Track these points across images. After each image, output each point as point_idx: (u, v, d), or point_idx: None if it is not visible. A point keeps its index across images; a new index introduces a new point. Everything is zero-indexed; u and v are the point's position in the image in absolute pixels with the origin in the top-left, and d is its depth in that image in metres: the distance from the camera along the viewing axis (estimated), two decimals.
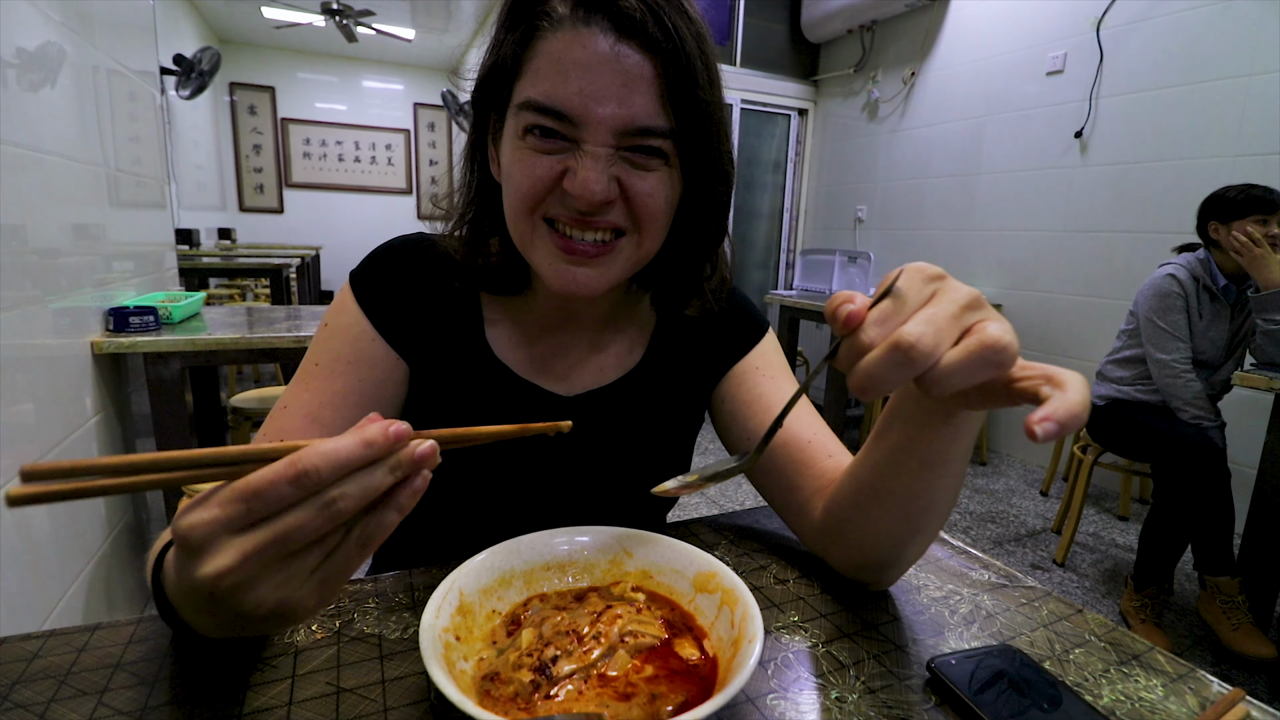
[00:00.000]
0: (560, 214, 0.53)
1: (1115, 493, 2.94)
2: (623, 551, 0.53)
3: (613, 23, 0.48)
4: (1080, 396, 0.33)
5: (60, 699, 0.42)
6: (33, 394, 1.25)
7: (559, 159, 0.51)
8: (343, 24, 4.93)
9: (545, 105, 0.49)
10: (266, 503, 0.30)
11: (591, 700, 0.40)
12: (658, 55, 0.48)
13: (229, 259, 4.19)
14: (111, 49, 1.75)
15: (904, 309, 0.35)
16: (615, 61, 0.48)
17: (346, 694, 0.44)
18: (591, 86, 0.48)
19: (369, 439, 0.31)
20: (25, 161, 1.25)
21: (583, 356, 0.69)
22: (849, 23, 4.10)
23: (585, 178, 0.49)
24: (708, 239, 0.62)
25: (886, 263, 4.15)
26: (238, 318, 1.99)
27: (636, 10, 0.47)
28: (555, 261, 0.55)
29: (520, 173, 0.52)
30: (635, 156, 0.52)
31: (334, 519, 0.31)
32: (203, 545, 0.31)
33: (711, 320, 0.71)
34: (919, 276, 0.36)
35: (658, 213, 0.54)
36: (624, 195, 0.53)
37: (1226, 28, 2.54)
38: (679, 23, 0.49)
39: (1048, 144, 3.20)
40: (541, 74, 0.49)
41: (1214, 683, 0.48)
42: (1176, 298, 1.97)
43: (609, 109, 0.49)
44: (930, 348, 0.33)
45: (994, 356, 0.33)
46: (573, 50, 0.48)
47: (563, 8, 0.49)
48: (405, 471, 0.33)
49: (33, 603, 1.22)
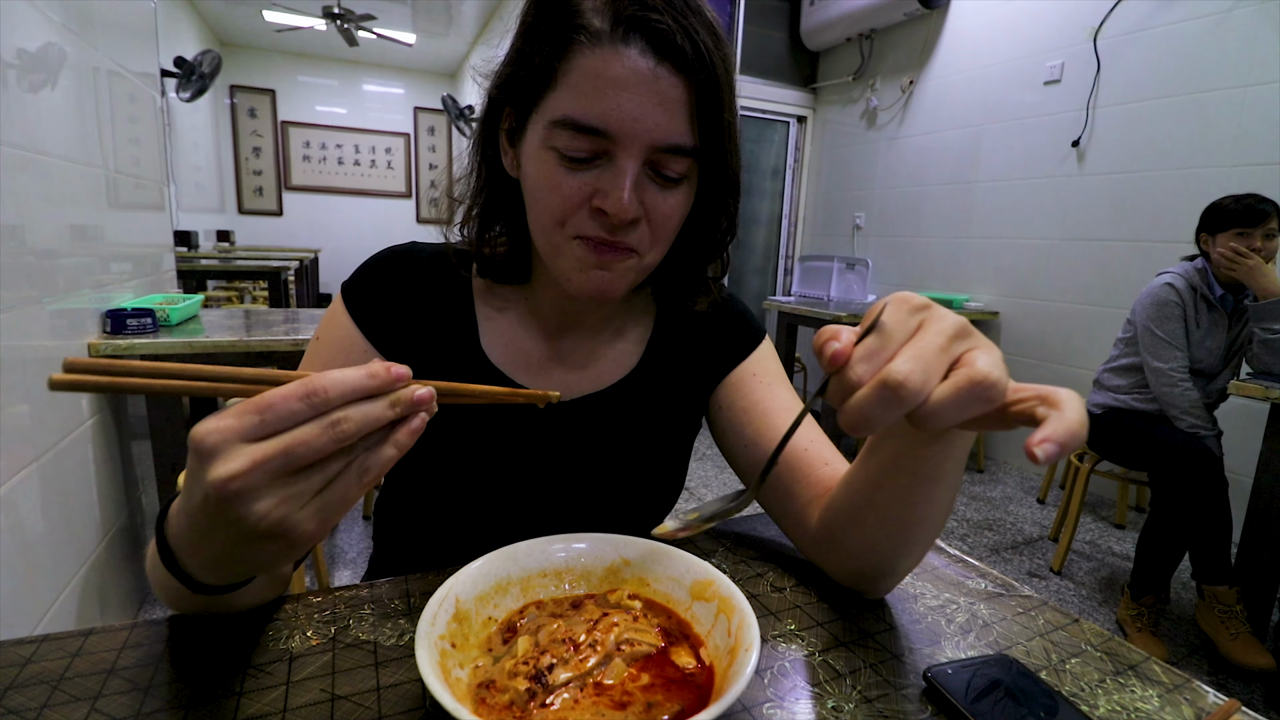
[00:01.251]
0: (589, 232, 0.54)
1: (1112, 501, 2.94)
2: (620, 559, 0.53)
3: (650, 43, 0.48)
4: (1077, 415, 0.33)
5: (53, 705, 0.42)
6: (29, 395, 1.25)
7: (588, 178, 0.52)
8: (344, 28, 4.95)
9: (585, 123, 0.49)
10: (278, 416, 0.33)
11: (587, 709, 0.40)
12: (691, 77, 0.49)
13: (227, 261, 4.19)
14: (112, 51, 1.75)
15: (890, 344, 0.34)
16: (654, 82, 0.49)
17: (341, 701, 0.44)
18: (629, 105, 0.49)
19: (373, 371, 0.34)
20: (24, 162, 1.25)
21: (579, 361, 0.69)
22: (848, 31, 4.12)
23: (619, 198, 0.50)
24: (717, 242, 0.64)
25: (884, 269, 4.16)
26: (236, 320, 1.98)
27: (674, 32, 0.48)
28: (582, 269, 0.56)
29: (549, 190, 0.53)
30: (660, 177, 0.53)
31: (338, 440, 0.33)
32: (216, 450, 0.32)
33: (708, 326, 0.72)
34: (904, 308, 0.35)
35: (672, 231, 0.56)
36: (646, 215, 0.54)
37: (1223, 39, 2.56)
38: (710, 43, 0.50)
39: (1045, 153, 3.21)
40: (578, 90, 0.50)
41: (1210, 693, 0.48)
42: (1174, 306, 1.98)
43: (646, 128, 0.49)
44: (919, 385, 0.32)
45: (983, 392, 0.33)
46: (612, 68, 0.48)
47: (599, 23, 0.49)
48: (404, 410, 0.35)
49: (26, 606, 1.21)
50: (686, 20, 0.49)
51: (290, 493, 0.34)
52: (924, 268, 3.91)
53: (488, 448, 0.66)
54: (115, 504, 1.68)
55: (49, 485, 1.32)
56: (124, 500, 1.74)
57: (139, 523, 1.85)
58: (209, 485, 0.32)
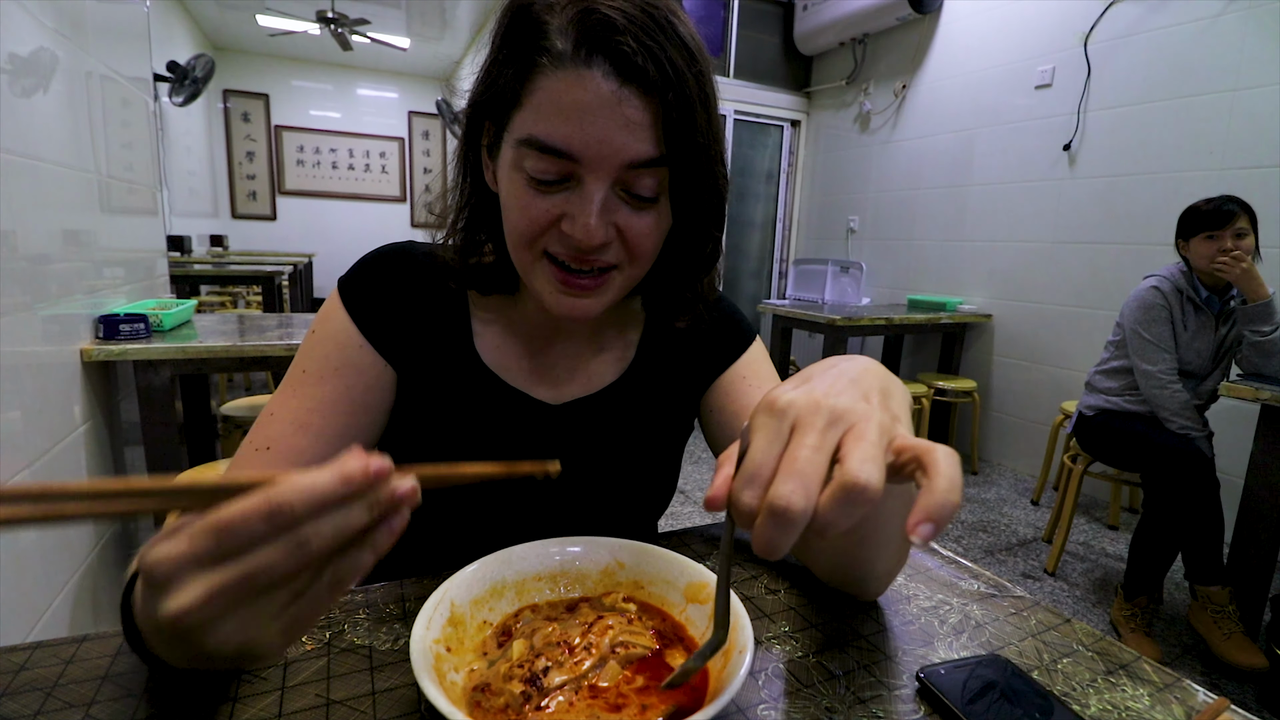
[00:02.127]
0: (559, 251, 0.54)
1: (1105, 502, 2.95)
2: (614, 562, 0.53)
3: (614, 65, 0.47)
4: (947, 482, 0.31)
5: (47, 711, 0.42)
6: (21, 402, 1.24)
7: (557, 200, 0.51)
8: (338, 32, 4.94)
9: (547, 144, 0.49)
10: (237, 538, 0.28)
11: (582, 711, 0.40)
12: (658, 98, 0.48)
13: (221, 266, 4.18)
14: (105, 55, 1.75)
15: (768, 461, 0.33)
16: (617, 106, 0.48)
17: (336, 706, 0.44)
18: (594, 129, 0.48)
19: (347, 475, 0.29)
20: (16, 167, 1.25)
21: (571, 365, 0.69)
22: (841, 36, 4.14)
23: (585, 224, 0.50)
24: (701, 261, 0.63)
25: (878, 272, 4.18)
26: (229, 325, 1.98)
27: (637, 54, 0.47)
28: (554, 292, 0.56)
29: (518, 211, 0.53)
30: (631, 197, 0.52)
31: (306, 559, 0.29)
32: (169, 580, 0.29)
33: (699, 329, 0.72)
34: (771, 417, 0.34)
35: (651, 249, 0.56)
36: (619, 234, 0.53)
37: (1212, 44, 2.59)
38: (679, 62, 0.48)
39: (1036, 156, 3.23)
40: (543, 112, 0.49)
41: (1199, 692, 0.48)
42: (1160, 309, 2.00)
43: (612, 149, 0.49)
44: (803, 506, 0.30)
45: (858, 498, 0.30)
46: (574, 92, 0.48)
47: (562, 44, 0.48)
48: (383, 511, 0.31)
49: (18, 614, 1.21)
50: (654, 40, 0.47)
51: (253, 614, 0.30)
52: (917, 270, 3.93)
53: (482, 452, 0.66)
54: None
55: None
56: None
57: (132, 530, 1.84)
58: (162, 619, 0.29)
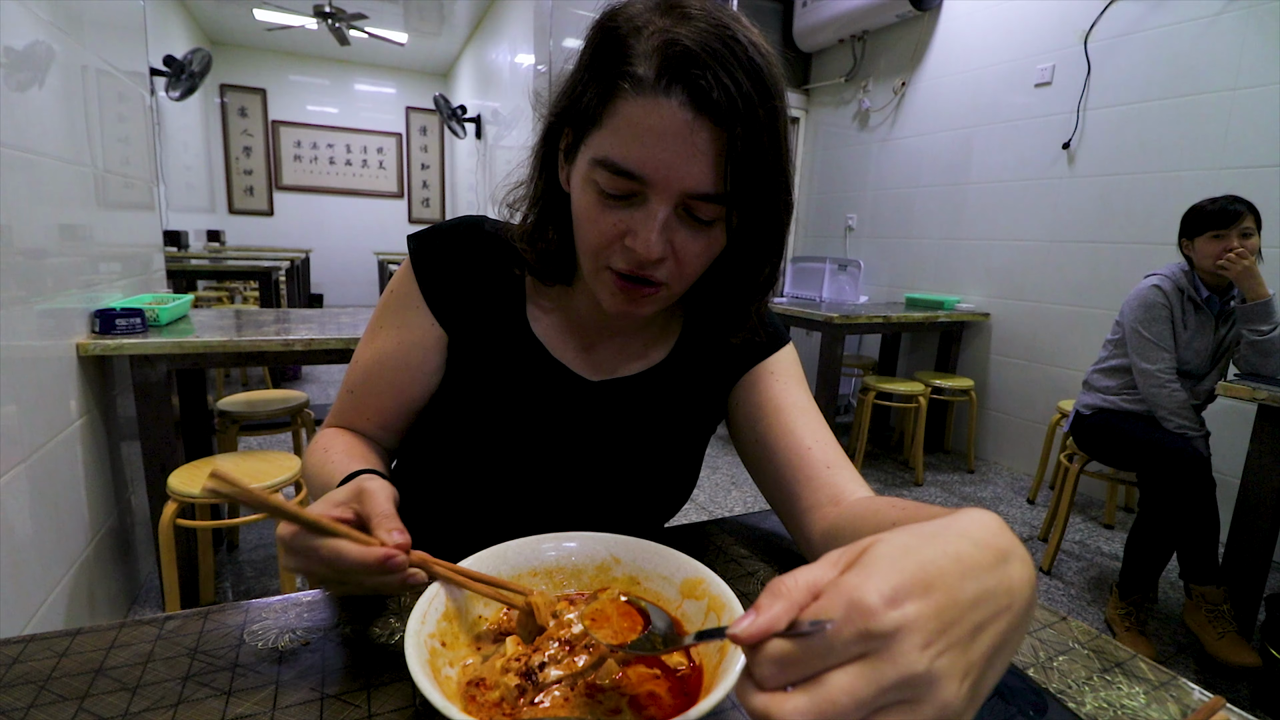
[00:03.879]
0: (620, 266, 0.57)
1: (1101, 501, 2.96)
2: (610, 557, 0.53)
3: (690, 96, 0.50)
4: None
5: (40, 704, 0.42)
6: (16, 396, 1.24)
7: (622, 215, 0.55)
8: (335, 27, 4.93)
9: (620, 166, 0.52)
10: (310, 559, 0.45)
11: (578, 706, 0.40)
12: (728, 130, 0.50)
13: (218, 261, 4.17)
14: (101, 49, 1.74)
15: (811, 662, 0.26)
16: (689, 135, 0.50)
17: (331, 700, 0.44)
18: (664, 154, 0.51)
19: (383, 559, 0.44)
20: (12, 162, 1.24)
21: (613, 349, 0.72)
22: (840, 33, 4.13)
23: (646, 240, 0.53)
24: (759, 283, 0.65)
25: (876, 270, 4.18)
26: (226, 321, 1.97)
27: (713, 88, 0.49)
28: (611, 296, 0.60)
29: (587, 224, 0.57)
30: (690, 220, 0.55)
31: (349, 585, 0.47)
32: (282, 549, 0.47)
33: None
34: (856, 627, 0.25)
35: (696, 271, 0.59)
36: (674, 252, 0.56)
37: (1212, 42, 2.58)
38: (754, 96, 0.51)
39: (1036, 155, 3.23)
40: (619, 134, 0.52)
41: (1195, 690, 0.48)
42: (1161, 308, 2.00)
43: (678, 176, 0.51)
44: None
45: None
46: (650, 118, 0.50)
47: (645, 71, 0.50)
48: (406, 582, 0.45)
49: (13, 608, 1.20)
50: (731, 73, 0.50)
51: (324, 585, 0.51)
52: (915, 269, 3.93)
53: (519, 418, 0.68)
54: (104, 505, 1.67)
55: (37, 486, 1.30)
56: (113, 501, 1.73)
57: (128, 524, 1.84)
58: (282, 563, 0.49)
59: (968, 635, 0.27)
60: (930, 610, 0.26)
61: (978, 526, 0.30)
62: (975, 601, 0.27)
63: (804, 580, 0.28)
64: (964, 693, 0.26)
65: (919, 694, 0.25)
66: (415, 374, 0.69)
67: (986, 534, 0.30)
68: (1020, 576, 0.30)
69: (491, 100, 5.57)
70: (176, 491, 1.50)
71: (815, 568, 0.29)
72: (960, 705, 0.26)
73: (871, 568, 0.27)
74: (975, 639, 0.27)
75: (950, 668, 0.26)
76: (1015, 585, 0.29)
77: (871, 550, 0.28)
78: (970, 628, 0.27)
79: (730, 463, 3.35)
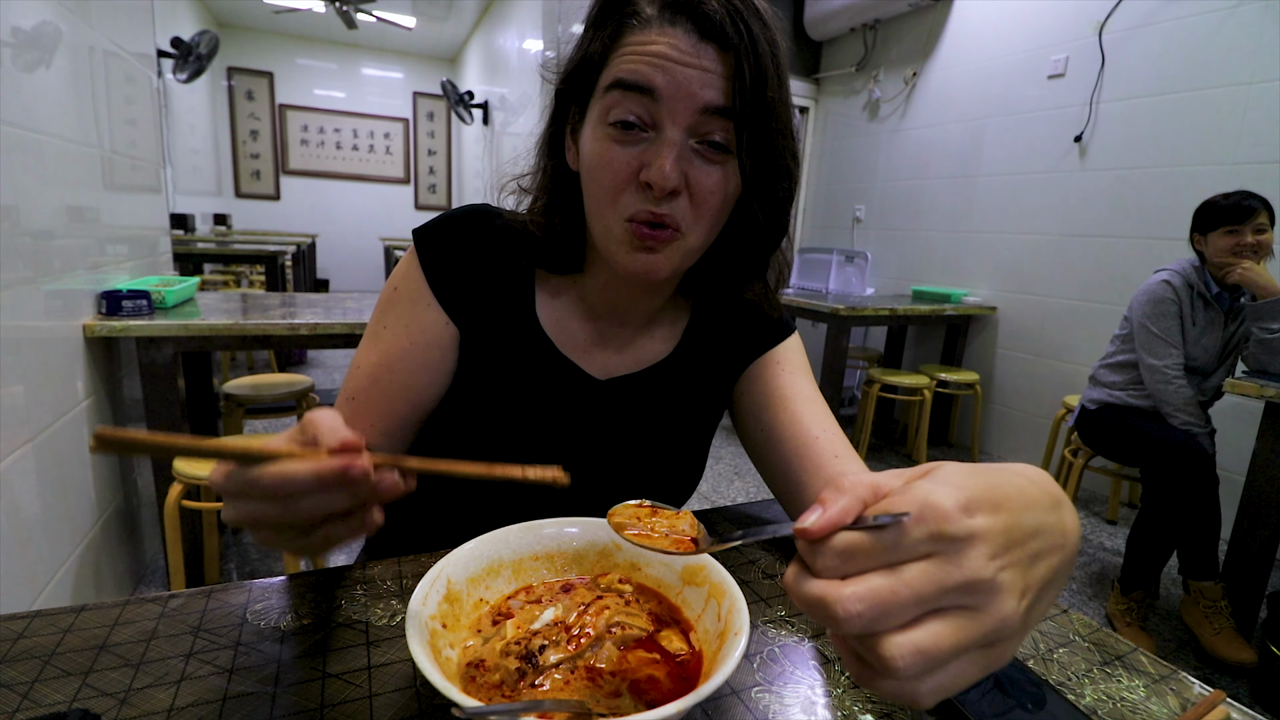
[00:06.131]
0: (637, 213, 0.56)
1: (1104, 496, 2.95)
2: (611, 543, 0.53)
3: (695, 24, 0.52)
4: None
5: (45, 679, 0.42)
6: (23, 376, 1.25)
7: (637, 152, 0.55)
8: (343, 10, 4.90)
9: (631, 82, 0.53)
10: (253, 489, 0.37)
11: (577, 690, 0.40)
12: (733, 54, 0.52)
13: (224, 245, 4.17)
14: (109, 30, 1.73)
15: (878, 556, 0.26)
16: (696, 59, 0.52)
17: (332, 679, 0.44)
18: (674, 73, 0.52)
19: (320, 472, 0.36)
20: (20, 142, 1.24)
21: (622, 343, 0.71)
22: (852, 21, 4.09)
23: (661, 167, 0.53)
24: (771, 231, 0.64)
25: (884, 262, 4.16)
26: (232, 304, 1.98)
27: (717, 14, 0.52)
28: (629, 250, 0.58)
29: (601, 165, 0.56)
30: (704, 149, 0.55)
31: (296, 517, 0.38)
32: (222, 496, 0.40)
33: (741, 320, 0.74)
34: (930, 527, 0.26)
35: (715, 209, 0.58)
36: (688, 187, 0.56)
37: (1228, 35, 2.55)
38: (755, 27, 0.53)
39: (1047, 147, 3.20)
40: (629, 59, 0.54)
41: (1195, 684, 0.48)
42: (1170, 304, 1.98)
43: (687, 94, 0.53)
44: (858, 630, 0.26)
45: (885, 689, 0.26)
46: (658, 45, 0.53)
47: (650, 9, 0.54)
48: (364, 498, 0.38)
49: (20, 587, 1.22)
50: (733, 5, 0.52)
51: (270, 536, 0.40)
52: (923, 261, 3.91)
53: (526, 415, 0.68)
54: (111, 485, 1.68)
55: (44, 466, 1.31)
56: (119, 482, 1.74)
57: (134, 504, 1.85)
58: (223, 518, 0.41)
59: (1028, 559, 0.28)
60: (1000, 526, 0.27)
61: (1033, 472, 0.32)
62: (1035, 531, 0.28)
63: (869, 480, 0.29)
64: (1021, 610, 0.27)
65: (980, 602, 0.26)
66: (430, 375, 0.66)
67: (1042, 479, 0.31)
68: (1071, 523, 0.31)
69: (499, 86, 5.54)
70: (182, 473, 1.51)
71: (878, 475, 0.30)
72: (1017, 623, 0.26)
73: (944, 479, 0.27)
74: (1034, 565, 0.28)
75: (1013, 583, 0.26)
76: (1068, 528, 0.30)
77: (939, 469, 0.29)
78: (1031, 553, 0.28)
79: (734, 453, 3.35)
